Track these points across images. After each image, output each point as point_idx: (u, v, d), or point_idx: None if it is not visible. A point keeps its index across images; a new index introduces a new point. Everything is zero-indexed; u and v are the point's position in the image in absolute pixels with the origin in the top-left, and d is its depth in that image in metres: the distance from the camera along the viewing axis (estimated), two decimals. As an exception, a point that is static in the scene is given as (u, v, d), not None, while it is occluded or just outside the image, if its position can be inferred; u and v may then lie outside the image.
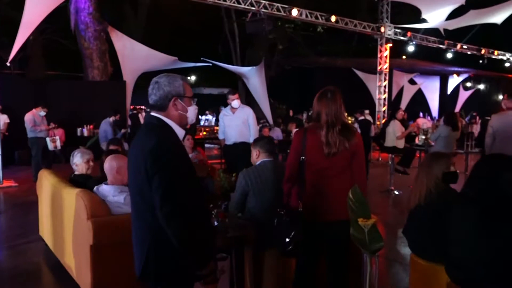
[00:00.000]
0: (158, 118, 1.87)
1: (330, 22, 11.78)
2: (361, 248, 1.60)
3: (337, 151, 2.49)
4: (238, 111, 5.81)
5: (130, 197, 1.96)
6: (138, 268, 1.84)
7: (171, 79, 1.89)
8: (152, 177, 1.71)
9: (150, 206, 1.73)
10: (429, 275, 2.71)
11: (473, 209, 2.30)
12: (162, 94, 1.87)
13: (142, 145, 1.79)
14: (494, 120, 4.67)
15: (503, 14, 13.17)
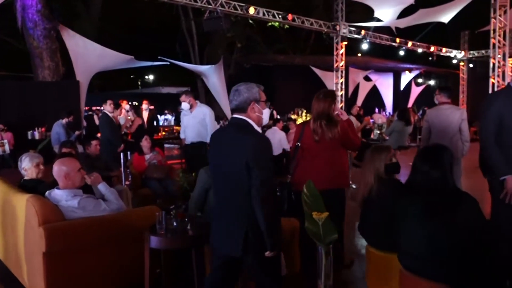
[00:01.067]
0: (243, 119, 2.26)
1: (287, 20, 11.91)
2: (316, 241, 1.63)
3: (320, 138, 3.34)
4: (195, 110, 5.77)
5: (220, 184, 2.30)
6: (235, 245, 2.15)
7: (249, 87, 2.30)
8: (253, 167, 2.10)
9: (247, 191, 2.11)
10: (383, 264, 2.82)
11: (416, 199, 2.41)
12: (242, 99, 2.25)
13: (240, 141, 2.19)
14: (429, 115, 4.88)
15: (450, 14, 13.85)
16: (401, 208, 2.49)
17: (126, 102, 8.86)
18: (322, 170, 3.32)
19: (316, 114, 3.42)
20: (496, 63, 10.65)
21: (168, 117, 15.77)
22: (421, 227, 2.34)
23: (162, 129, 11.55)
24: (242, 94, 2.27)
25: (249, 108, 2.26)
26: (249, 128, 2.25)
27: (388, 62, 19.33)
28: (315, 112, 3.43)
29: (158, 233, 2.77)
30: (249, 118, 2.26)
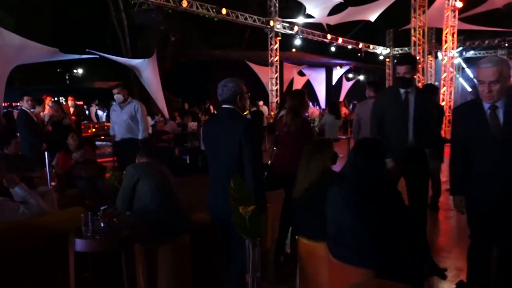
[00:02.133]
0: (232, 108, 2.79)
1: (221, 15, 11.86)
2: (243, 236, 1.64)
3: (288, 130, 3.86)
4: (126, 106, 5.56)
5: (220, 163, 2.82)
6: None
7: (236, 83, 2.80)
8: (245, 146, 2.66)
9: (239, 165, 2.67)
10: (314, 253, 2.92)
11: (348, 189, 2.52)
12: (231, 93, 2.76)
13: (233, 126, 2.72)
14: (358, 108, 5.15)
15: (376, 13, 14.63)
16: (331, 197, 2.59)
17: (50, 98, 8.31)
18: (289, 156, 3.78)
19: (288, 109, 3.98)
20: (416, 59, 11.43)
21: (99, 113, 15.05)
22: (348, 215, 2.45)
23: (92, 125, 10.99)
24: (230, 88, 2.77)
25: (237, 99, 2.78)
26: (238, 115, 2.80)
27: (320, 57, 20.01)
28: (287, 107, 4.01)
29: (84, 235, 2.64)
30: (237, 108, 2.80)
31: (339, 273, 2.54)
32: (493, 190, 2.60)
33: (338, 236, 2.49)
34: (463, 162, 2.74)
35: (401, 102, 3.40)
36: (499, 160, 2.54)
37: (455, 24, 12.56)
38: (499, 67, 2.46)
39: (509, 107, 2.54)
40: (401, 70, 3.39)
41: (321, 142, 3.18)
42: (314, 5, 13.31)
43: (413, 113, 3.37)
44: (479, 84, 2.52)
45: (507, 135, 2.51)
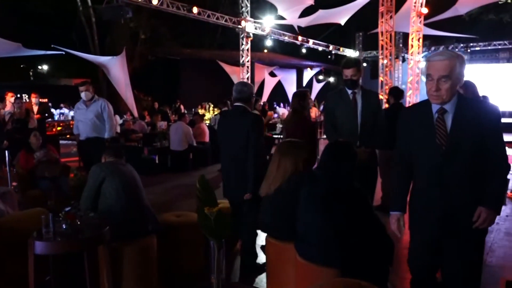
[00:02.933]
0: (244, 106, 3.46)
1: (192, 14, 11.75)
2: (208, 237, 1.63)
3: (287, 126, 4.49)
4: (91, 104, 5.42)
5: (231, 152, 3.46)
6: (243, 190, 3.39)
7: (250, 86, 3.58)
8: (251, 134, 3.31)
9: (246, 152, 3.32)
10: (281, 253, 2.93)
11: (317, 189, 2.55)
12: (247, 94, 3.47)
13: (243, 120, 3.39)
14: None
15: (346, 16, 14.90)
16: (302, 198, 2.61)
17: (12, 94, 7.98)
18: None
19: (291, 106, 4.60)
20: (384, 62, 11.71)
21: (65, 111, 14.58)
22: (316, 215, 2.48)
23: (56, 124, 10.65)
24: (246, 91, 3.48)
25: (250, 100, 3.51)
26: (248, 111, 3.48)
27: (291, 59, 20.17)
28: (291, 105, 4.58)
29: (45, 237, 2.55)
30: (248, 106, 3.48)
31: (305, 273, 2.57)
32: (431, 212, 2.20)
33: (305, 236, 2.52)
34: (405, 174, 2.34)
35: (349, 102, 3.58)
36: (440, 174, 2.14)
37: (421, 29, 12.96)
38: (453, 61, 2.07)
39: (459, 112, 2.13)
40: (348, 73, 3.54)
41: (294, 144, 3.17)
42: (285, 6, 13.40)
43: (361, 112, 3.55)
44: (427, 80, 2.14)
45: (452, 145, 2.11)
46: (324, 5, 14.06)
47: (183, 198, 6.19)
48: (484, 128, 2.08)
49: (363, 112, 3.55)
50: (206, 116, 14.43)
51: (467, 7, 15.17)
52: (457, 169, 2.10)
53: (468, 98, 2.25)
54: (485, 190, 2.10)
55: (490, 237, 4.42)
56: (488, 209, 2.07)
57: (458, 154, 2.09)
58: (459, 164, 2.10)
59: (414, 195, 2.32)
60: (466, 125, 2.10)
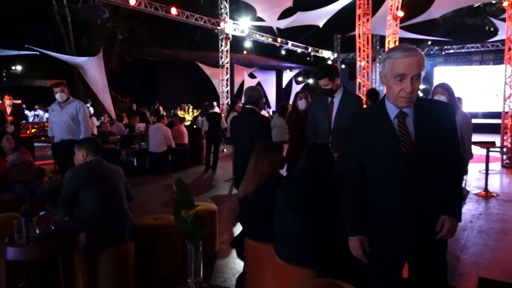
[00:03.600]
0: (254, 108, 3.83)
1: (171, 15, 11.65)
2: (185, 239, 1.62)
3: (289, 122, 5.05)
4: (66, 106, 5.30)
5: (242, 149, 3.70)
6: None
7: (259, 90, 3.95)
8: (258, 132, 3.65)
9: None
10: (260, 255, 2.94)
11: (296, 190, 2.57)
12: (256, 97, 3.83)
13: (253, 120, 3.76)
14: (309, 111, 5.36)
15: (324, 18, 15.05)
16: (280, 199, 2.62)
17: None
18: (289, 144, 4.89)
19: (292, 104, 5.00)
20: (361, 65, 11.88)
21: (40, 112, 14.23)
22: (294, 216, 2.49)
23: (31, 126, 10.38)
24: (255, 94, 3.83)
25: (259, 102, 3.86)
26: (257, 112, 3.86)
27: (271, 60, 20.26)
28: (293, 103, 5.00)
29: (17, 243, 2.48)
30: (257, 107, 3.84)
31: (284, 274, 2.58)
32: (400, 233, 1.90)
33: (283, 237, 2.53)
34: (360, 192, 1.98)
35: (325, 106, 3.60)
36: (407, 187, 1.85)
37: (397, 32, 13.19)
38: (421, 57, 1.82)
39: (420, 114, 1.87)
40: (321, 83, 3.53)
41: (272, 145, 3.19)
42: (264, 8, 13.44)
43: (334, 117, 3.55)
44: (396, 81, 1.80)
45: (420, 153, 1.83)
46: (303, 7, 14.17)
47: (161, 201, 6.13)
48: (444, 129, 1.88)
49: (336, 117, 3.53)
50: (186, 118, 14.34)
51: (441, 10, 15.55)
52: (427, 179, 1.85)
53: (421, 98, 1.99)
54: (447, 197, 1.89)
55: (464, 235, 4.53)
56: (452, 217, 1.87)
57: (426, 162, 1.84)
58: (429, 173, 1.85)
59: (373, 216, 1.96)
60: (429, 129, 1.85)
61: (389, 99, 1.90)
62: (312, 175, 2.55)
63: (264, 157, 3.02)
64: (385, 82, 1.89)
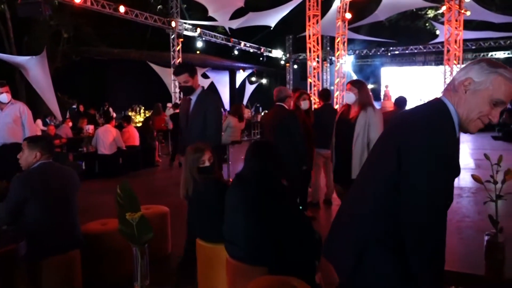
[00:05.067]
0: (281, 105, 4.57)
1: (119, 13, 11.32)
2: (130, 243, 1.58)
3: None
4: (8, 107, 5.00)
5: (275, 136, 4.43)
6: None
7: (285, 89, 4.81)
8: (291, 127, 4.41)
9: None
10: (212, 255, 2.93)
11: (244, 190, 2.58)
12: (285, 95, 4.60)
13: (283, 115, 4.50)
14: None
15: (275, 19, 15.25)
16: (229, 199, 2.63)
17: None
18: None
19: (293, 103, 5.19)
20: (312, 65, 12.16)
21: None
22: (244, 215, 2.50)
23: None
24: (283, 93, 4.56)
25: (287, 100, 4.54)
26: (285, 108, 4.51)
27: (224, 60, 20.22)
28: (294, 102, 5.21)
29: (-51, 255, 2.31)
30: (286, 105, 4.54)
31: (236, 273, 2.59)
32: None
33: (234, 236, 2.54)
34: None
35: (187, 107, 3.58)
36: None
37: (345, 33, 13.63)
38: None
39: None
40: (181, 80, 3.47)
41: (197, 147, 3.12)
42: (216, 8, 13.40)
43: (190, 113, 3.55)
44: (491, 103, 1.42)
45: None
46: (254, 7, 14.28)
47: (111, 205, 5.91)
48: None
49: (191, 115, 3.56)
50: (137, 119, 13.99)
51: (386, 13, 16.26)
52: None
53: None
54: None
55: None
56: None
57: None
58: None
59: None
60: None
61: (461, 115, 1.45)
62: (259, 173, 2.58)
63: (185, 161, 3.03)
64: (470, 95, 1.43)
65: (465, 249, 4.18)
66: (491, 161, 1.90)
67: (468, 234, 4.58)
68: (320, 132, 5.19)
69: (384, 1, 14.13)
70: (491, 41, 18.33)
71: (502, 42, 18.27)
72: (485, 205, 1.99)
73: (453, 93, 1.47)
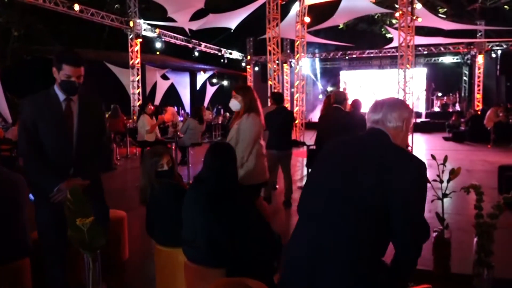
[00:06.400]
0: (339, 107, 5.28)
1: (73, 11, 10.93)
2: (81, 250, 1.53)
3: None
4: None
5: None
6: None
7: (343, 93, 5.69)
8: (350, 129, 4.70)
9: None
10: (170, 259, 2.89)
11: (203, 192, 2.56)
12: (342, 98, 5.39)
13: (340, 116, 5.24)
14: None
15: (235, 21, 15.26)
16: (188, 201, 2.60)
17: None
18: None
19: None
20: (272, 67, 12.27)
21: None
22: (203, 217, 2.49)
23: None
24: (341, 97, 5.30)
25: (344, 103, 5.31)
26: (343, 110, 5.29)
27: (184, 62, 20.00)
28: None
29: None
30: (343, 107, 5.28)
31: (194, 276, 2.57)
32: None
33: (193, 239, 2.51)
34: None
35: (62, 113, 2.66)
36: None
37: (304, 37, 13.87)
38: None
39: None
40: (76, 73, 2.60)
41: (155, 150, 3.10)
42: (175, 9, 13.23)
43: (77, 129, 2.68)
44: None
45: None
46: (215, 9, 14.23)
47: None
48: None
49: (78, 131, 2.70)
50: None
51: (344, 18, 16.71)
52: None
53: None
54: None
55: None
56: None
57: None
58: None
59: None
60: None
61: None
62: (218, 174, 2.57)
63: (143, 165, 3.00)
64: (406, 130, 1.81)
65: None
66: (437, 161, 2.00)
67: (420, 231, 4.79)
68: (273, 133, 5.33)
69: (341, 6, 14.51)
70: (441, 46, 19.25)
71: (451, 47, 19.25)
72: (433, 203, 2.09)
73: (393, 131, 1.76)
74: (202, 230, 2.49)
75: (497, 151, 11.25)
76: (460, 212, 4.67)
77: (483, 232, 1.87)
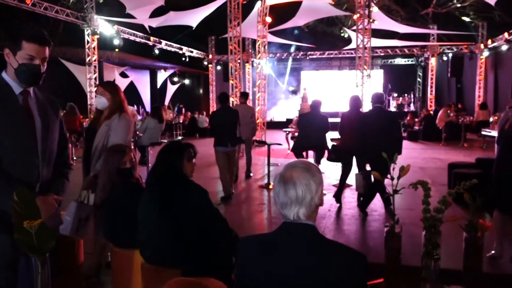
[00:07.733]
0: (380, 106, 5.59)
1: (25, 5, 10.44)
2: (29, 253, 1.48)
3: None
4: None
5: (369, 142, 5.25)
6: None
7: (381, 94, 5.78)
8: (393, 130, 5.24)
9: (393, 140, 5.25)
10: (127, 262, 2.83)
11: (155, 192, 2.53)
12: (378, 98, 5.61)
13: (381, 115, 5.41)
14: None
15: (196, 19, 15.12)
16: (142, 202, 2.55)
17: None
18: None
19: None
20: (233, 66, 12.27)
21: None
22: (157, 218, 2.45)
23: None
24: (379, 97, 5.54)
25: (383, 103, 5.43)
26: (384, 109, 5.76)
27: (144, 59, 19.60)
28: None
29: None
30: (383, 106, 5.47)
31: (151, 277, 2.53)
32: None
33: (148, 239, 2.48)
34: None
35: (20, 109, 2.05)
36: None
37: (266, 37, 13.97)
38: None
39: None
40: (41, 54, 2.04)
41: (116, 148, 3.03)
42: (134, 5, 12.93)
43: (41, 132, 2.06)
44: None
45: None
46: (175, 7, 14.04)
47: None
48: None
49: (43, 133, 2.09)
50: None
51: (305, 19, 16.96)
52: None
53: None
54: None
55: (323, 222, 5.03)
56: None
57: None
58: None
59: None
60: None
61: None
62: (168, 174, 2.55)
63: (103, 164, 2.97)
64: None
65: (371, 241, 4.53)
66: (387, 159, 2.09)
67: (374, 226, 4.97)
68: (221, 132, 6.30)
69: (302, 7, 14.73)
70: (396, 48, 19.98)
71: (406, 50, 20.02)
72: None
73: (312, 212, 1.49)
74: (156, 230, 2.46)
75: (448, 149, 11.83)
76: (412, 207, 4.87)
77: (430, 226, 1.97)
